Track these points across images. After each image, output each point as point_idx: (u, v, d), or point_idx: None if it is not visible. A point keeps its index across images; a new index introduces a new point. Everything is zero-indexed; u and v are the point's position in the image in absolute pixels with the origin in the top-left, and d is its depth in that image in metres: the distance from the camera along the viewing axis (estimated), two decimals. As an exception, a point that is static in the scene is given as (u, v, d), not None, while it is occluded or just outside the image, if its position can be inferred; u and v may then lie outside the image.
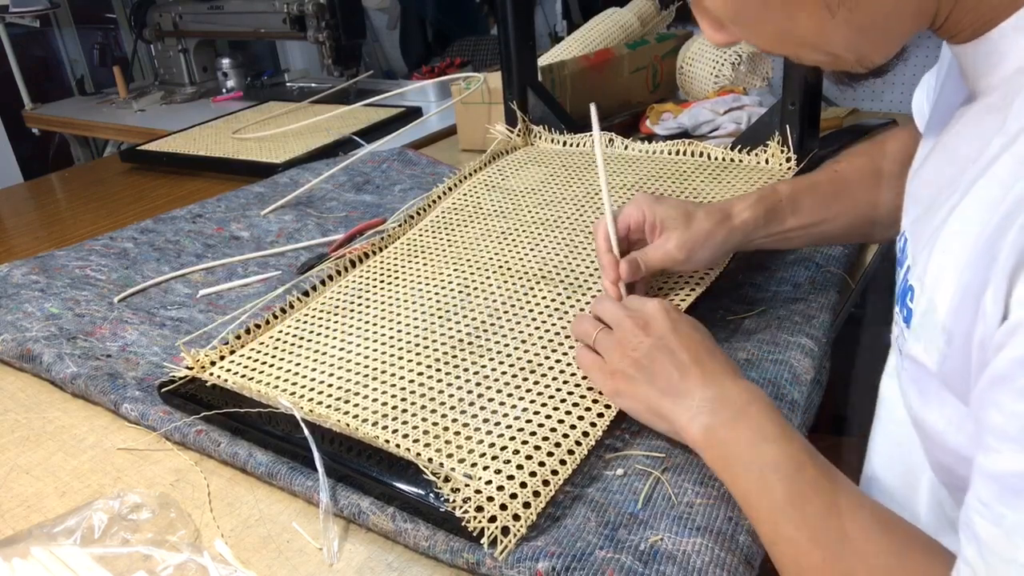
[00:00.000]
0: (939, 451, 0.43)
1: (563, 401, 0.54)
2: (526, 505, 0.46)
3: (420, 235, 0.83)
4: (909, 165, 0.63)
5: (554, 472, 0.48)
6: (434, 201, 0.89)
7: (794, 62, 0.44)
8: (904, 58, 0.43)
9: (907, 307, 0.43)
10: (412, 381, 0.58)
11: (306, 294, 0.72)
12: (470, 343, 0.62)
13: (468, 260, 0.76)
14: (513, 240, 0.78)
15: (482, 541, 0.44)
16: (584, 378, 0.56)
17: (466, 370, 0.59)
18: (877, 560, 0.39)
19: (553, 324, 0.63)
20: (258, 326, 0.68)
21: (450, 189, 0.92)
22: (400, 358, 0.61)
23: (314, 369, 0.62)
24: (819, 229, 0.64)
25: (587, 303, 0.65)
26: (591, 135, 1.01)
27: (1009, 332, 0.32)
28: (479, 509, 0.45)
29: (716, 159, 0.91)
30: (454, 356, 0.61)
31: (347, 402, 0.57)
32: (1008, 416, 0.31)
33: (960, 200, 0.38)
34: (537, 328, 0.63)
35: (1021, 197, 0.33)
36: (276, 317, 0.69)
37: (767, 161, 0.88)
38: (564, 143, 1.04)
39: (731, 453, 0.46)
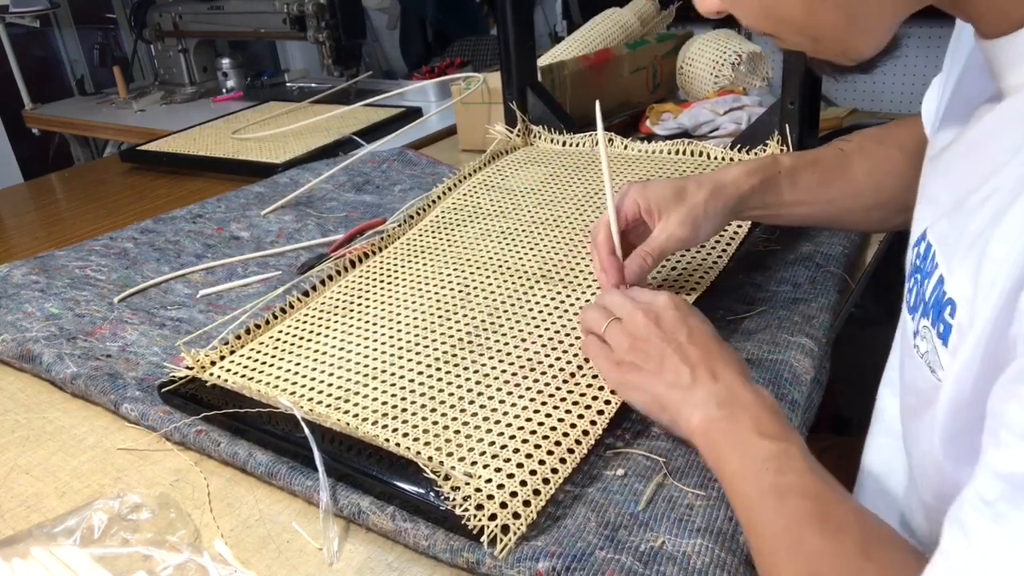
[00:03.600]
0: (950, 487, 0.41)
1: (563, 400, 0.54)
2: (526, 503, 0.46)
3: (420, 235, 0.83)
4: (921, 153, 0.61)
5: (554, 471, 0.48)
6: (434, 201, 0.90)
7: (779, 47, 0.44)
8: (893, 55, 0.42)
9: (944, 322, 0.40)
10: (412, 380, 0.58)
11: (306, 294, 0.72)
12: (470, 342, 0.62)
13: (468, 260, 0.76)
14: (513, 240, 0.78)
15: (482, 539, 0.44)
16: (583, 375, 0.56)
17: (466, 369, 0.59)
18: (844, 560, 0.38)
19: (553, 323, 0.63)
20: (258, 326, 0.68)
21: (450, 189, 0.92)
22: (400, 357, 0.61)
23: (314, 369, 0.62)
24: (816, 209, 0.62)
25: (587, 301, 0.65)
26: (592, 134, 1.01)
27: None
28: (479, 507, 0.45)
29: (716, 159, 0.91)
30: (454, 355, 0.61)
31: (347, 401, 0.57)
32: None
33: (1004, 212, 0.35)
34: (537, 327, 0.63)
35: None
36: (276, 317, 0.69)
37: (767, 161, 0.88)
38: (564, 143, 1.04)
39: (725, 441, 0.46)
